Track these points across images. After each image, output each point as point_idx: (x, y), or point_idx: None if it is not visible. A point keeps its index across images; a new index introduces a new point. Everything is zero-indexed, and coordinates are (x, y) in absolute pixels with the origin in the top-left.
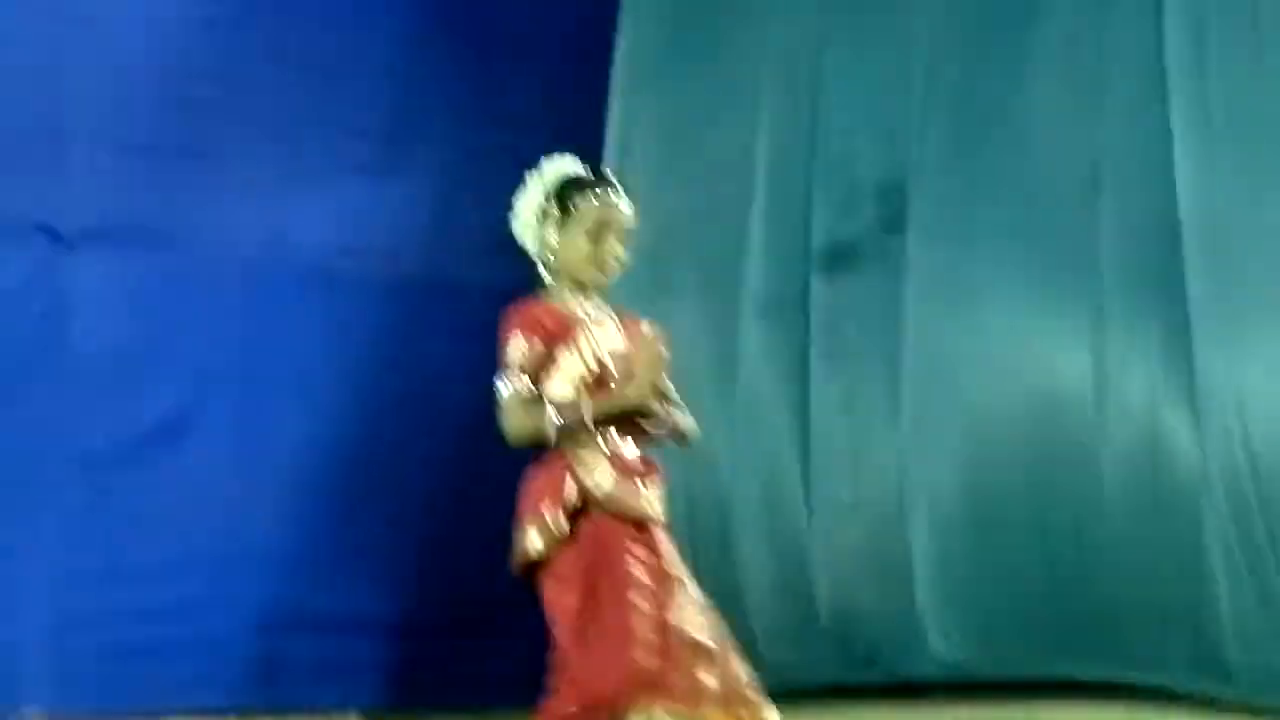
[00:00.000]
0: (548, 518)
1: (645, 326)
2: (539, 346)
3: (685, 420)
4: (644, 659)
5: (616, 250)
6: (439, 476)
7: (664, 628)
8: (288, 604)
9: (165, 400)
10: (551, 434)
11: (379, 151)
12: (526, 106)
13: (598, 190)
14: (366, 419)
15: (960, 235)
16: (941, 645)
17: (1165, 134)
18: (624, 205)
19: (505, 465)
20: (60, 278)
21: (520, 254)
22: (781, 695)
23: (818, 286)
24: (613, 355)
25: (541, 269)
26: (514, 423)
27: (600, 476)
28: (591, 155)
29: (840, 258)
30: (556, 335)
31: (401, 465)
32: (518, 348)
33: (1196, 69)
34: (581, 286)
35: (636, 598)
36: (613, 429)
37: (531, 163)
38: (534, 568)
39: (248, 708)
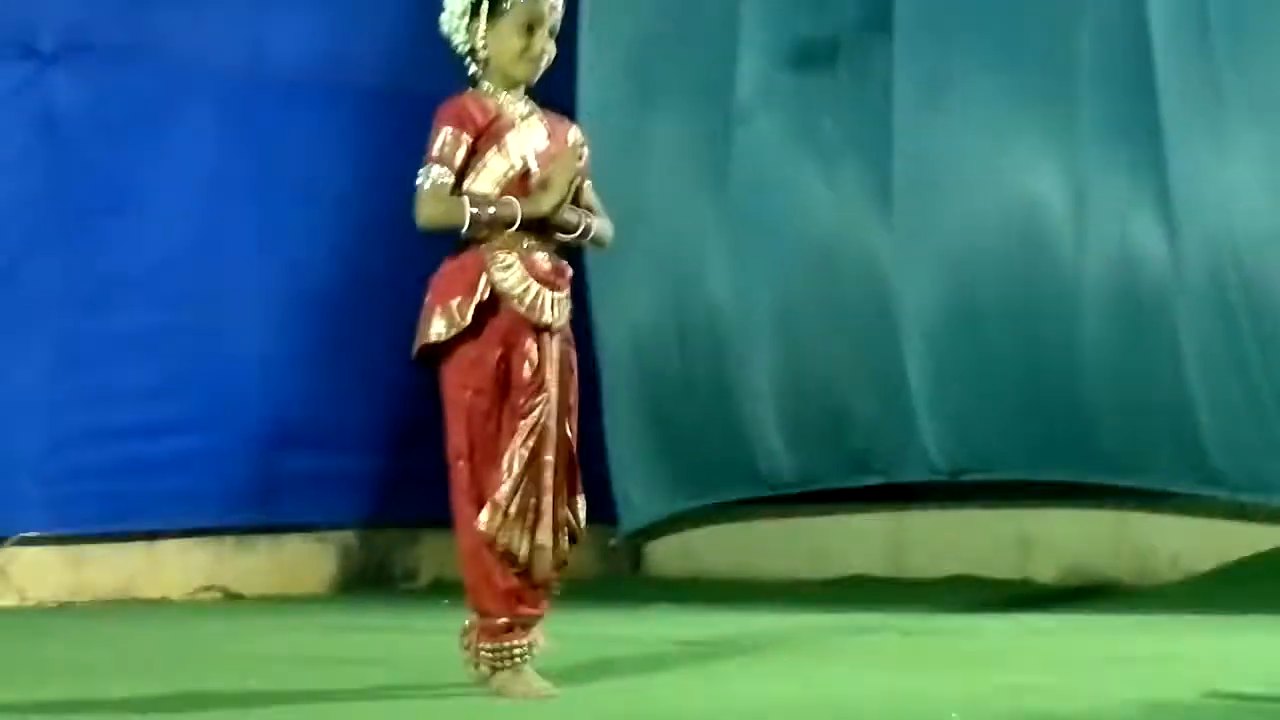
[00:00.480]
0: (454, 305)
1: (573, 133)
2: (466, 139)
3: (602, 225)
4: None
5: (547, 45)
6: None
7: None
8: (283, 421)
9: (153, 216)
10: (466, 223)
11: None
12: None
13: None
14: (361, 232)
15: (941, 38)
16: (933, 449)
17: None
18: (553, 2)
19: None
20: (42, 94)
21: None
22: (779, 499)
23: (797, 84)
24: (537, 155)
25: (471, 65)
26: (426, 211)
27: (509, 275)
28: None
29: (818, 55)
30: (485, 130)
31: (396, 279)
32: (443, 139)
33: None
34: (512, 83)
35: (521, 399)
36: (528, 233)
37: None
38: (435, 357)
39: (244, 526)
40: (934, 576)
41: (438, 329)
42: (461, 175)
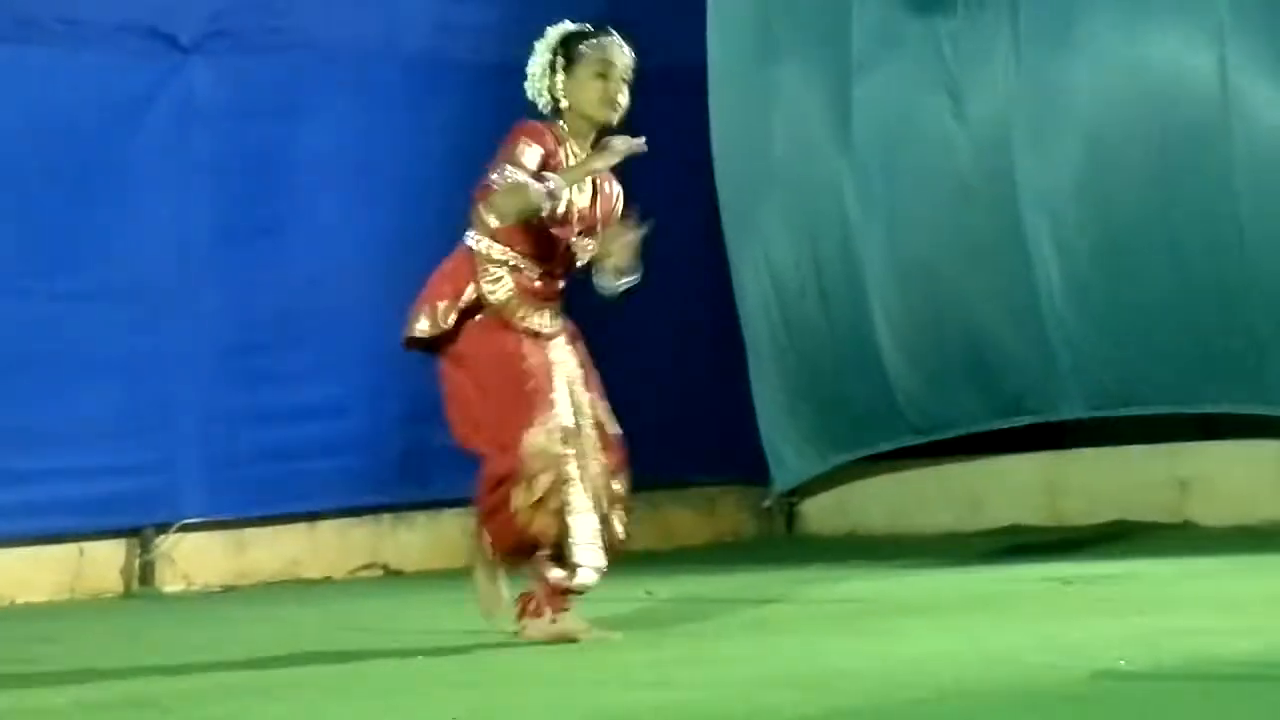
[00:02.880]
0: (440, 308)
1: (617, 190)
2: (541, 156)
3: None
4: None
5: (622, 90)
6: None
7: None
8: (434, 397)
9: (295, 198)
10: (544, 200)
11: None
12: None
13: (599, 38)
14: None
15: None
16: (1082, 385)
17: None
18: (624, 50)
19: None
20: (182, 83)
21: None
22: (931, 448)
23: (917, 26)
24: (579, 211)
25: (555, 119)
26: (502, 203)
27: (498, 287)
28: None
29: None
30: (549, 158)
31: None
32: (522, 149)
33: None
34: (592, 127)
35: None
36: (530, 260)
37: None
38: (423, 346)
39: (401, 503)
40: (1091, 522)
41: (421, 326)
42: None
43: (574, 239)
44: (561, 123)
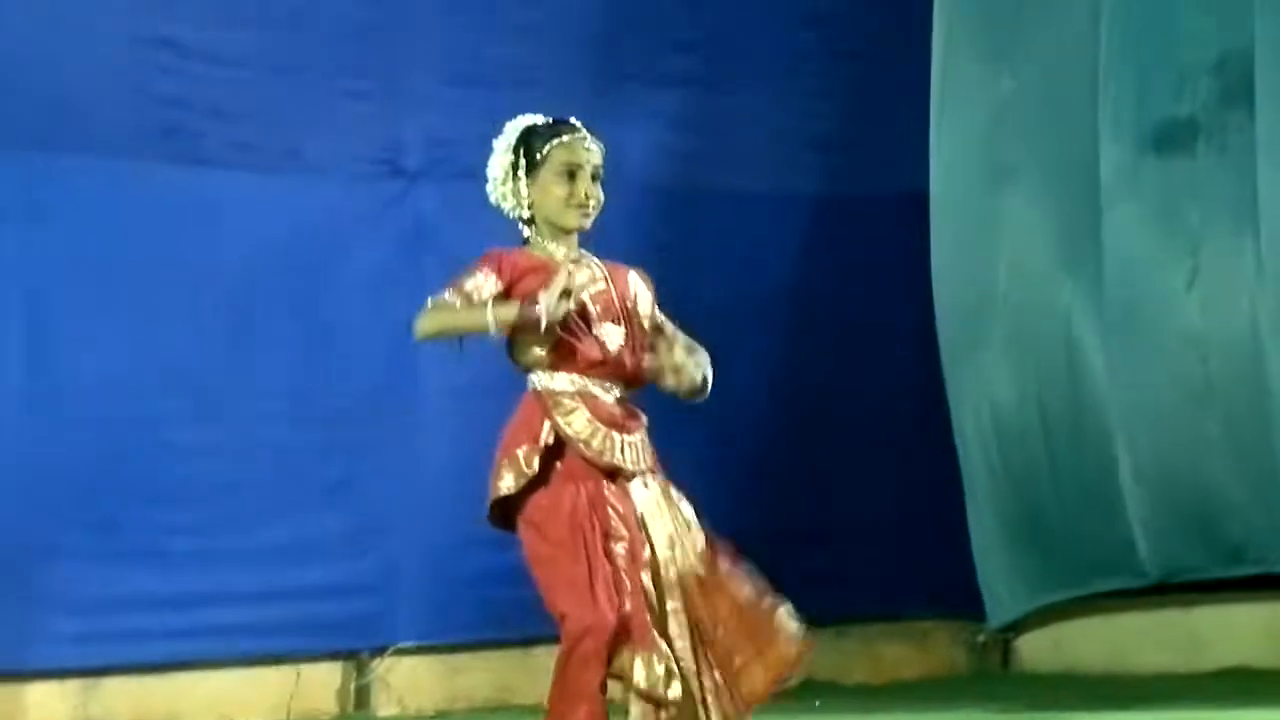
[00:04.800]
0: (520, 456)
1: (633, 275)
2: (497, 283)
3: (679, 358)
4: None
5: (592, 190)
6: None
7: (632, 578)
8: None
9: None
10: (489, 319)
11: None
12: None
13: (562, 134)
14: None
15: None
16: None
17: None
18: (591, 145)
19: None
20: (408, 207)
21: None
22: (1150, 589)
23: (1158, 168)
24: (591, 296)
25: (521, 227)
26: (423, 321)
27: (573, 419)
28: (916, 48)
29: (1176, 137)
30: (526, 274)
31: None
32: (470, 274)
33: None
34: (562, 233)
35: (610, 544)
36: (594, 378)
37: (843, 60)
38: (509, 514)
39: None
40: None
41: (507, 483)
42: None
43: (601, 329)
44: (533, 232)
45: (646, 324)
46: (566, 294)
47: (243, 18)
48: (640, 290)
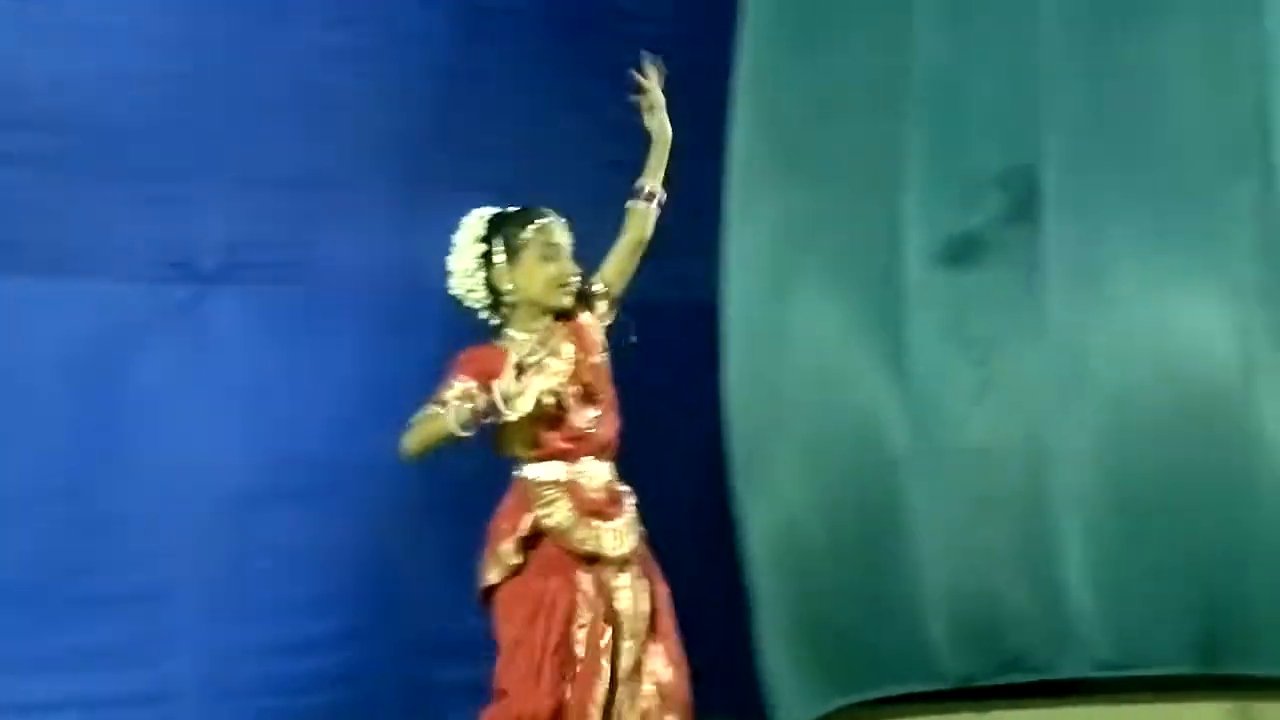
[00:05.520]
0: (502, 551)
1: (586, 317)
2: (476, 390)
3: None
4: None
5: (573, 268)
6: None
7: (589, 665)
8: (436, 633)
9: (308, 434)
10: (453, 420)
11: (506, 167)
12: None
13: (535, 219)
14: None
15: (1094, 219)
16: (1090, 645)
17: None
18: (565, 227)
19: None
20: (198, 314)
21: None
22: (935, 695)
23: (949, 280)
24: (565, 383)
25: (492, 315)
26: (406, 440)
27: (554, 510)
28: (715, 162)
29: (965, 251)
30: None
31: None
32: (448, 384)
33: None
34: (542, 314)
35: (573, 630)
36: (578, 461)
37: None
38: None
39: None
40: None
41: (491, 577)
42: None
43: (576, 413)
44: (508, 321)
45: (606, 362)
46: (527, 394)
47: (20, 117)
48: (594, 334)
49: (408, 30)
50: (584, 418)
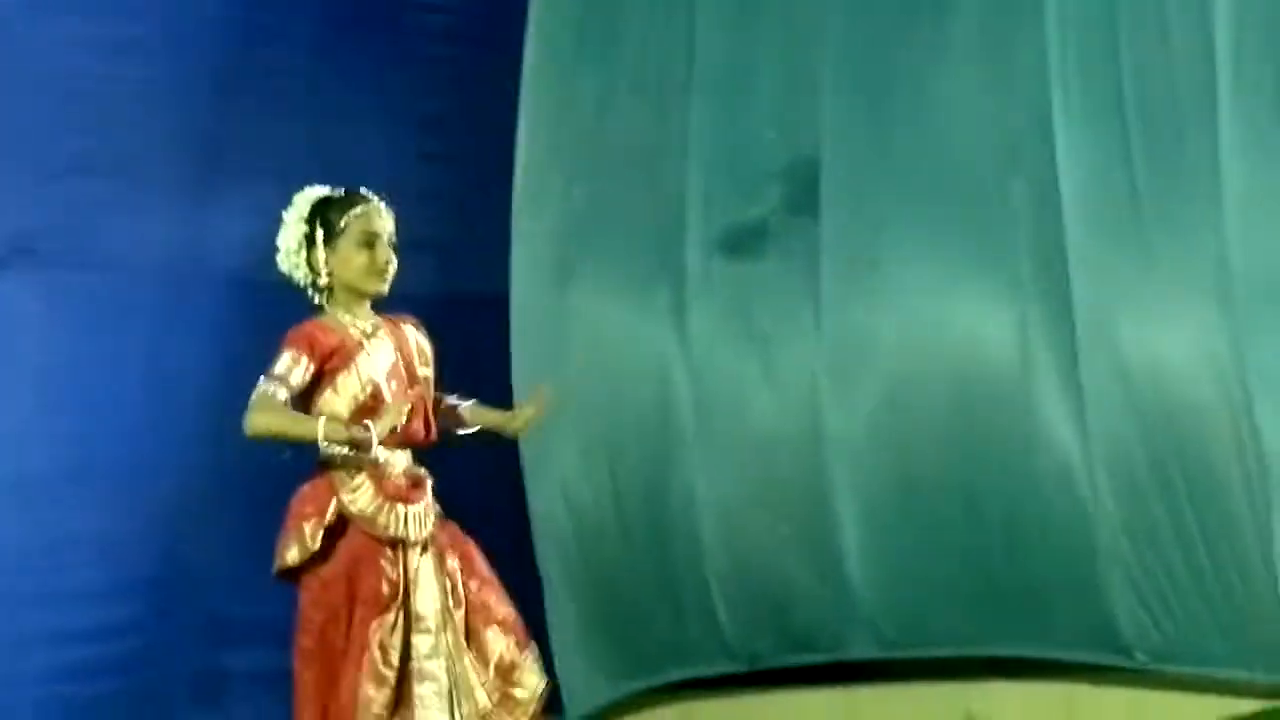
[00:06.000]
0: (306, 530)
1: (415, 336)
2: (310, 366)
3: (466, 409)
4: (373, 690)
5: (390, 256)
6: None
7: (400, 655)
8: (221, 621)
9: (97, 418)
10: (320, 435)
11: (297, 156)
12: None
13: (357, 204)
14: None
15: (873, 213)
16: (874, 625)
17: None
18: (385, 213)
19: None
20: None
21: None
22: (723, 680)
23: (730, 272)
24: (386, 375)
25: (314, 295)
26: (252, 418)
27: (359, 495)
28: (505, 152)
29: (745, 242)
30: (332, 355)
31: None
32: (285, 361)
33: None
34: (360, 299)
35: (376, 621)
36: (385, 448)
37: (444, 162)
38: (292, 573)
39: None
40: None
41: (292, 555)
42: (304, 396)
43: (394, 403)
44: (329, 302)
45: (431, 378)
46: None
47: None
48: (421, 344)
49: (197, 18)
50: (398, 406)
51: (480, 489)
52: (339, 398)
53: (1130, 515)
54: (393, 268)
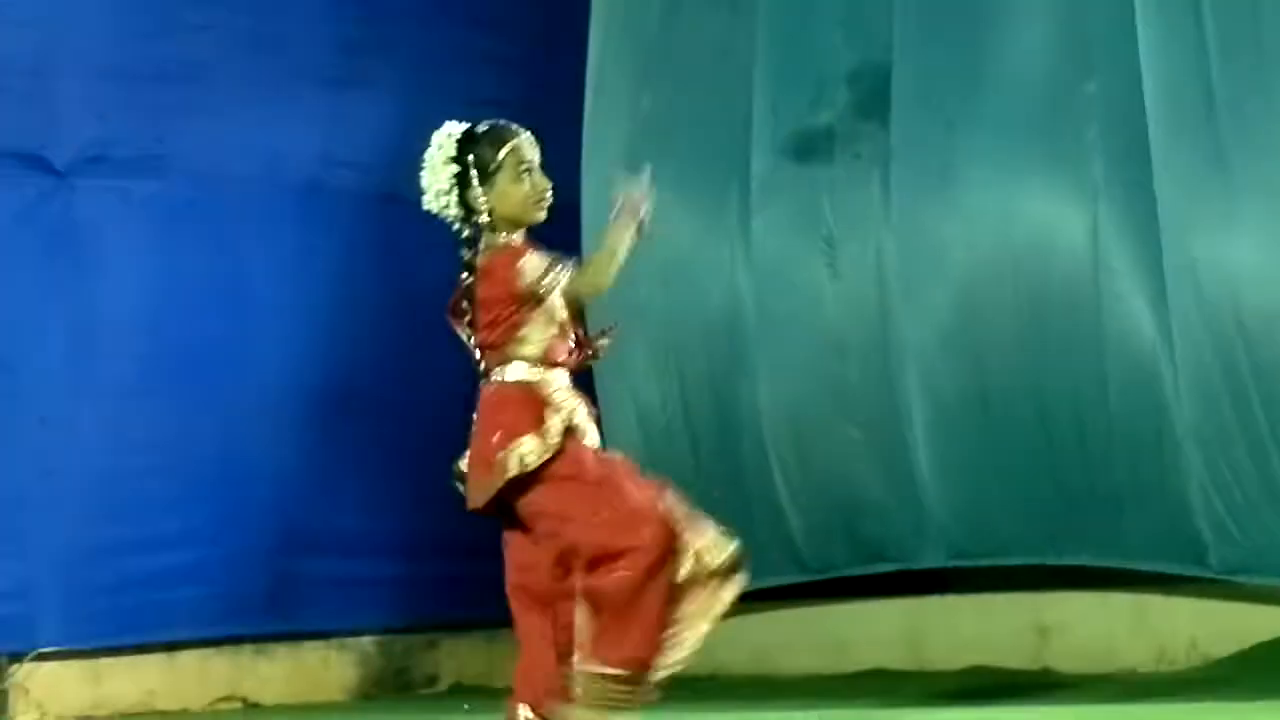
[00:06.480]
0: (548, 427)
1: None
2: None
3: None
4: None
5: (546, 184)
6: (430, 393)
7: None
8: (299, 527)
9: (168, 327)
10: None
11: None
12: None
13: (508, 138)
14: (380, 337)
15: (943, 114)
16: (946, 535)
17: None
18: (529, 141)
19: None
20: (57, 208)
21: None
22: (795, 589)
23: (798, 174)
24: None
25: (473, 231)
26: (589, 278)
27: (566, 401)
28: (573, 57)
29: (814, 145)
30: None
31: (415, 384)
32: (533, 260)
33: None
34: (525, 228)
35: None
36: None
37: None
38: (509, 495)
39: (262, 634)
40: (952, 668)
41: (528, 459)
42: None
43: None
44: (494, 232)
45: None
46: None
47: None
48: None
49: None
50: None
51: None
52: (545, 316)
53: (1203, 421)
54: (549, 194)
